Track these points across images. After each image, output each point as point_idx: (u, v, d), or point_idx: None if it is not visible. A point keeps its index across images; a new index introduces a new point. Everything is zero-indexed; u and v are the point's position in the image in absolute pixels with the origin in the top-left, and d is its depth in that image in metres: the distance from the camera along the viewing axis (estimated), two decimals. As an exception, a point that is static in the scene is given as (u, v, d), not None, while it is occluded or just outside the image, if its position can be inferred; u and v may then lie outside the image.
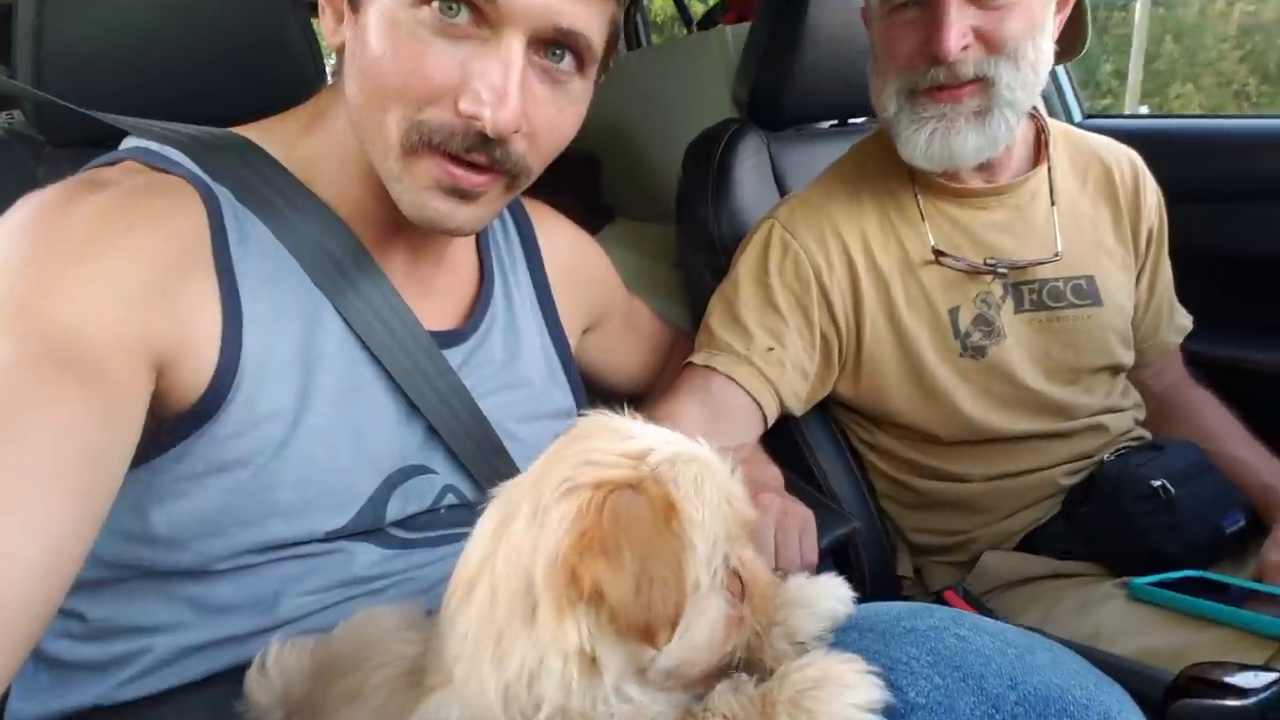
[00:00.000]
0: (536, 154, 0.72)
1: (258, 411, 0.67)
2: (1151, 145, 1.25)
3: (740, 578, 0.51)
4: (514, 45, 0.65)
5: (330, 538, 0.71)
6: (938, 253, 1.10)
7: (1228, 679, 0.68)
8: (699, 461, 0.50)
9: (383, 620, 0.62)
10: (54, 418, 0.54)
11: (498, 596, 0.45)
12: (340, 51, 0.72)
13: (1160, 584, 0.97)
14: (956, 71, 0.99)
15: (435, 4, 0.63)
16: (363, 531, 0.73)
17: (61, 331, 0.57)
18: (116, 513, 0.63)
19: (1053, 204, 1.14)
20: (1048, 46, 1.02)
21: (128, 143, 0.75)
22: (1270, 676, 0.66)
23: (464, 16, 0.64)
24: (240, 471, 0.67)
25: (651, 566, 0.43)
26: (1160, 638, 0.92)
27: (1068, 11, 1.07)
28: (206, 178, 0.70)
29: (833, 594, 0.59)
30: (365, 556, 0.73)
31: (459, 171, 0.68)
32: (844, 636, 0.59)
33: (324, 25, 0.73)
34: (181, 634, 0.68)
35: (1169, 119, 1.22)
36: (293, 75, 0.99)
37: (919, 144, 1.04)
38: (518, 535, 0.46)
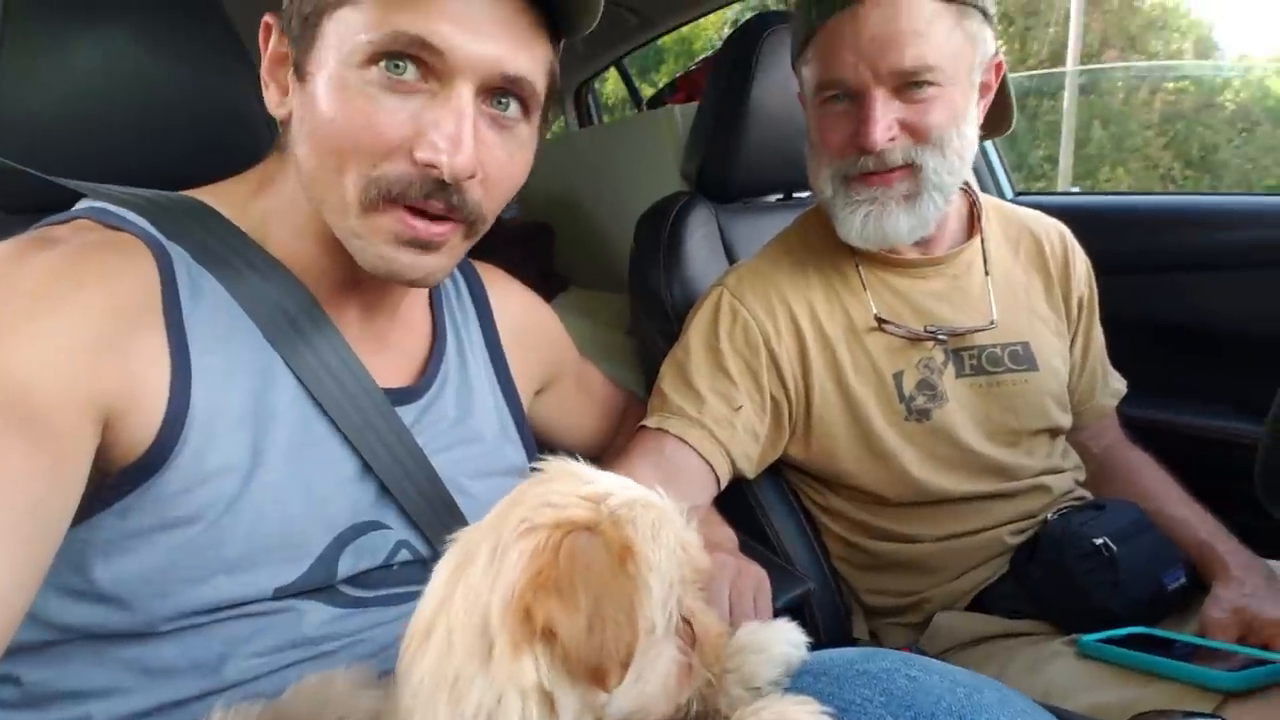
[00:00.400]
0: (490, 200, 0.74)
1: (207, 467, 0.66)
2: (1079, 220, 1.32)
3: (692, 626, 0.51)
4: (464, 94, 0.67)
5: (279, 595, 0.70)
6: (880, 320, 1.14)
7: (1171, 727, 0.69)
8: (656, 508, 0.51)
9: (335, 683, 0.61)
10: (2, 472, 0.54)
11: (454, 639, 0.45)
12: (286, 122, 0.74)
13: (1108, 640, 0.99)
14: (885, 159, 1.04)
15: (382, 63, 0.66)
16: (313, 589, 0.72)
17: (9, 386, 0.57)
18: (58, 571, 0.62)
19: (986, 274, 1.19)
20: (971, 132, 1.08)
21: (81, 204, 0.76)
22: (1211, 724, 0.68)
23: (411, 73, 0.66)
24: (189, 528, 0.65)
25: (605, 607, 0.44)
26: (1110, 693, 0.93)
27: (991, 96, 1.13)
28: (161, 237, 0.71)
29: (786, 639, 0.60)
30: (315, 616, 0.72)
31: (419, 223, 0.70)
32: (798, 681, 0.59)
33: (268, 99, 0.75)
34: (122, 700, 0.66)
35: (1094, 195, 1.29)
36: (249, 142, 1.00)
37: (854, 225, 1.09)
38: (475, 577, 0.46)
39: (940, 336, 1.14)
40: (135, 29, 0.91)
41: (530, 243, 2.32)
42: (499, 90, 0.70)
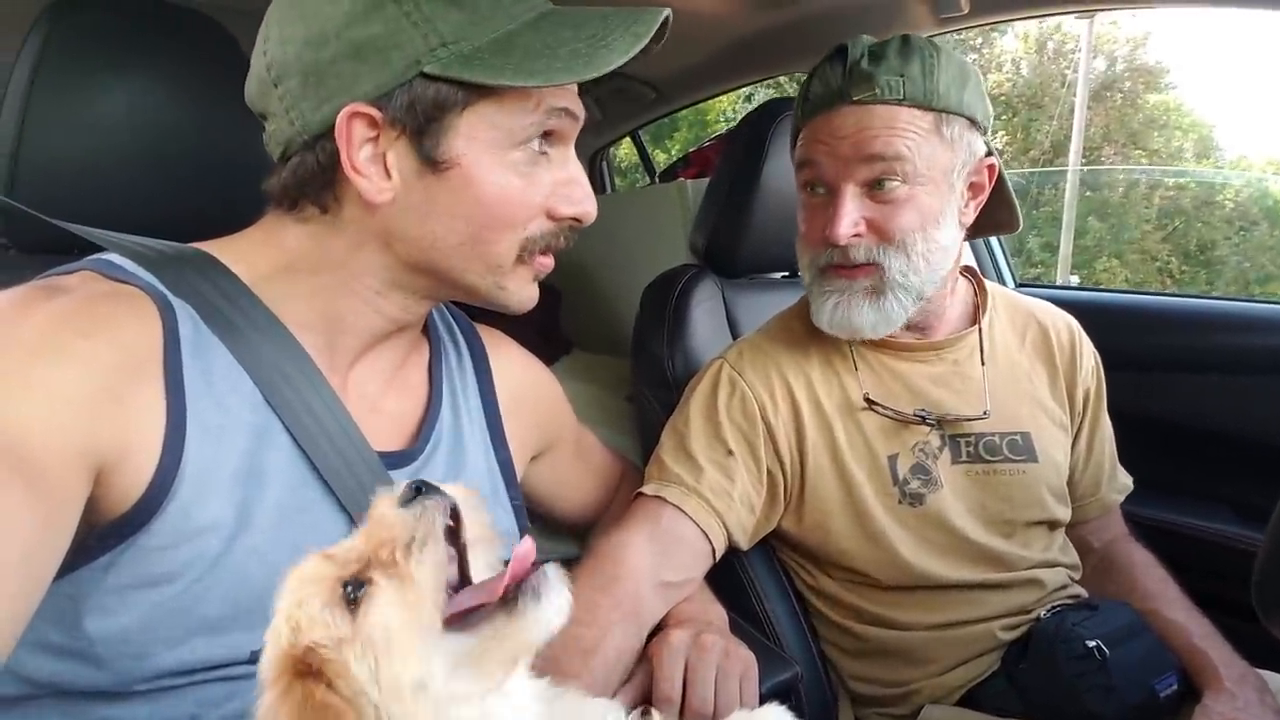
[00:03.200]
0: None
1: (193, 524, 0.66)
2: (1083, 314, 1.33)
3: None
4: (573, 152, 0.80)
5: (255, 658, 0.69)
6: (869, 401, 1.14)
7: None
8: None
9: None
10: None
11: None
12: (374, 204, 0.73)
13: (1098, 746, 0.97)
14: (848, 255, 1.08)
15: (535, 142, 0.75)
16: None
17: (7, 434, 0.57)
18: (36, 626, 0.61)
19: (983, 364, 1.19)
20: (945, 236, 1.09)
21: (90, 257, 0.76)
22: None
23: (538, 144, 0.75)
24: (169, 586, 0.64)
25: None
26: (1100, 802, 0.91)
27: (985, 196, 1.15)
28: (166, 291, 0.71)
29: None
30: None
31: (549, 260, 0.81)
32: None
33: (365, 186, 0.72)
34: None
35: (1099, 291, 1.32)
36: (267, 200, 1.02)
37: (825, 313, 1.12)
38: None
39: (930, 420, 1.14)
40: (159, 80, 0.94)
41: (537, 305, 2.33)
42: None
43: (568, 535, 1.20)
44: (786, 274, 1.59)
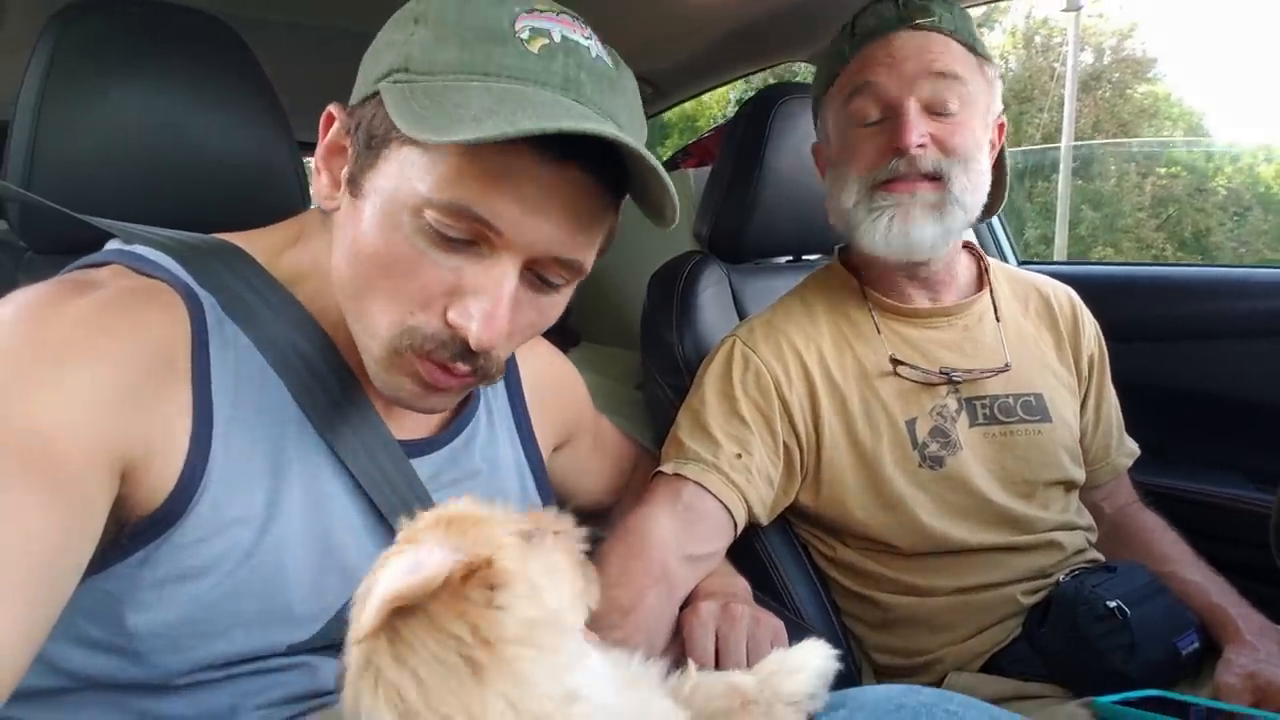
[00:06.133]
0: (511, 347, 0.75)
1: (224, 517, 0.66)
2: (1085, 288, 1.36)
3: None
4: (509, 270, 0.66)
5: (293, 651, 0.69)
6: (895, 362, 1.15)
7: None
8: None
9: None
10: (20, 525, 0.54)
11: (430, 701, 0.45)
12: (328, 206, 0.74)
13: (1124, 703, 0.98)
14: (916, 164, 1.08)
15: (431, 218, 0.64)
16: (328, 645, 0.71)
17: (33, 436, 0.57)
18: (77, 621, 0.62)
19: (998, 320, 1.22)
20: (987, 168, 1.14)
21: (112, 245, 0.77)
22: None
23: (461, 232, 0.65)
24: (204, 580, 0.65)
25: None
26: (1127, 757, 0.92)
27: (997, 152, 1.18)
28: (193, 283, 0.71)
29: (817, 653, 0.60)
30: (329, 670, 0.71)
31: (439, 376, 0.70)
32: (836, 715, 0.59)
33: (316, 186, 0.74)
34: None
35: (1099, 265, 1.33)
36: (279, 192, 1.03)
37: (878, 231, 1.11)
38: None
39: (955, 379, 1.16)
40: (173, 80, 0.95)
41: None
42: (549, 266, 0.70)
43: (581, 520, 1.20)
44: (791, 258, 1.61)
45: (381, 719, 0.45)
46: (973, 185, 1.10)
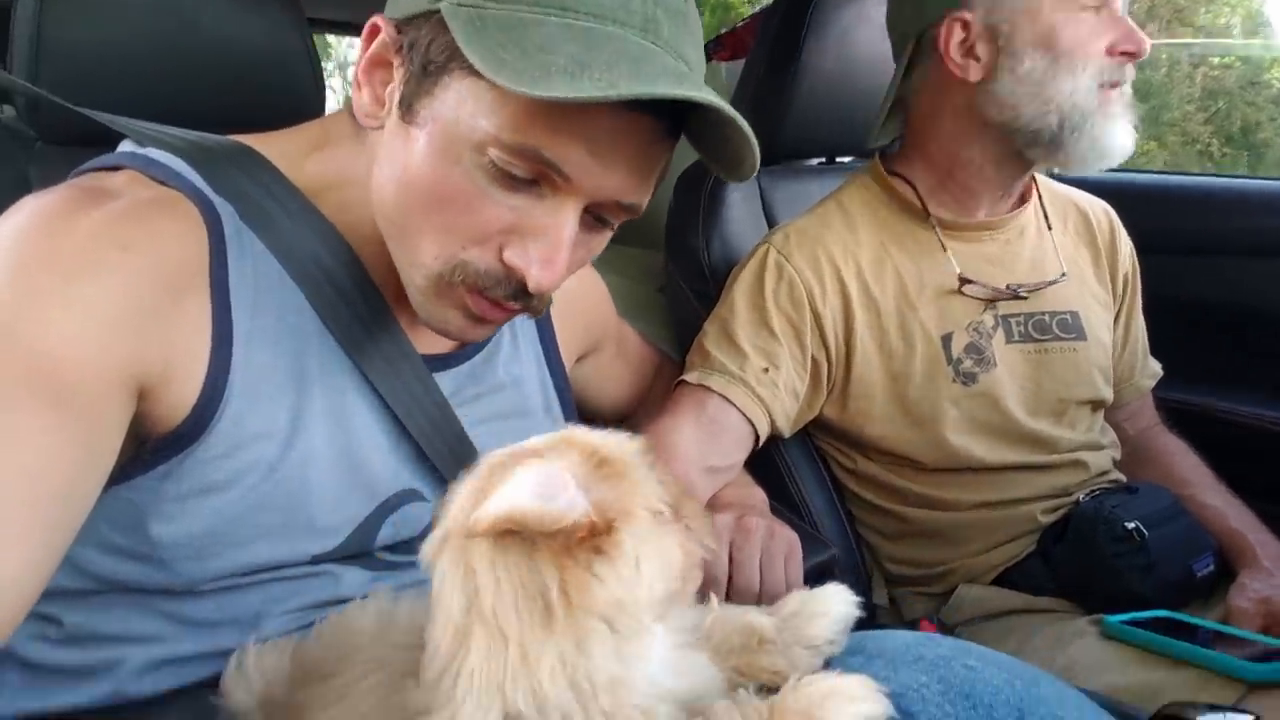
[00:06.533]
0: (558, 285, 0.71)
1: (246, 432, 0.65)
2: (1120, 199, 1.31)
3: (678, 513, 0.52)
4: (571, 214, 0.64)
5: (317, 560, 0.70)
6: (963, 280, 1.13)
7: (1201, 719, 0.69)
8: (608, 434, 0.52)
9: (358, 621, 0.62)
10: (28, 451, 0.54)
11: (502, 625, 0.45)
12: (368, 124, 0.70)
13: (1133, 623, 0.99)
14: (1129, 71, 1.06)
15: (499, 153, 0.61)
16: (350, 555, 0.72)
17: (43, 357, 0.56)
18: (103, 529, 0.63)
19: (1049, 228, 1.20)
20: None
21: (125, 146, 0.74)
22: (1243, 718, 0.68)
23: (525, 171, 0.62)
24: (228, 493, 0.65)
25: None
26: (1132, 675, 0.94)
27: None
28: (209, 190, 0.69)
29: (840, 598, 0.60)
30: (351, 578, 0.72)
31: (488, 309, 0.68)
32: (853, 660, 0.59)
33: (359, 100, 0.70)
34: (160, 646, 0.66)
35: (1136, 174, 1.27)
36: (292, 87, 0.99)
37: (1117, 139, 1.07)
38: (483, 562, 0.46)
39: (1021, 293, 1.14)
40: None
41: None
42: (609, 209, 0.68)
43: (601, 427, 1.21)
44: (824, 159, 1.54)
45: (452, 605, 0.46)
46: None
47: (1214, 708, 0.71)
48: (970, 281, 1.13)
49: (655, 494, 0.50)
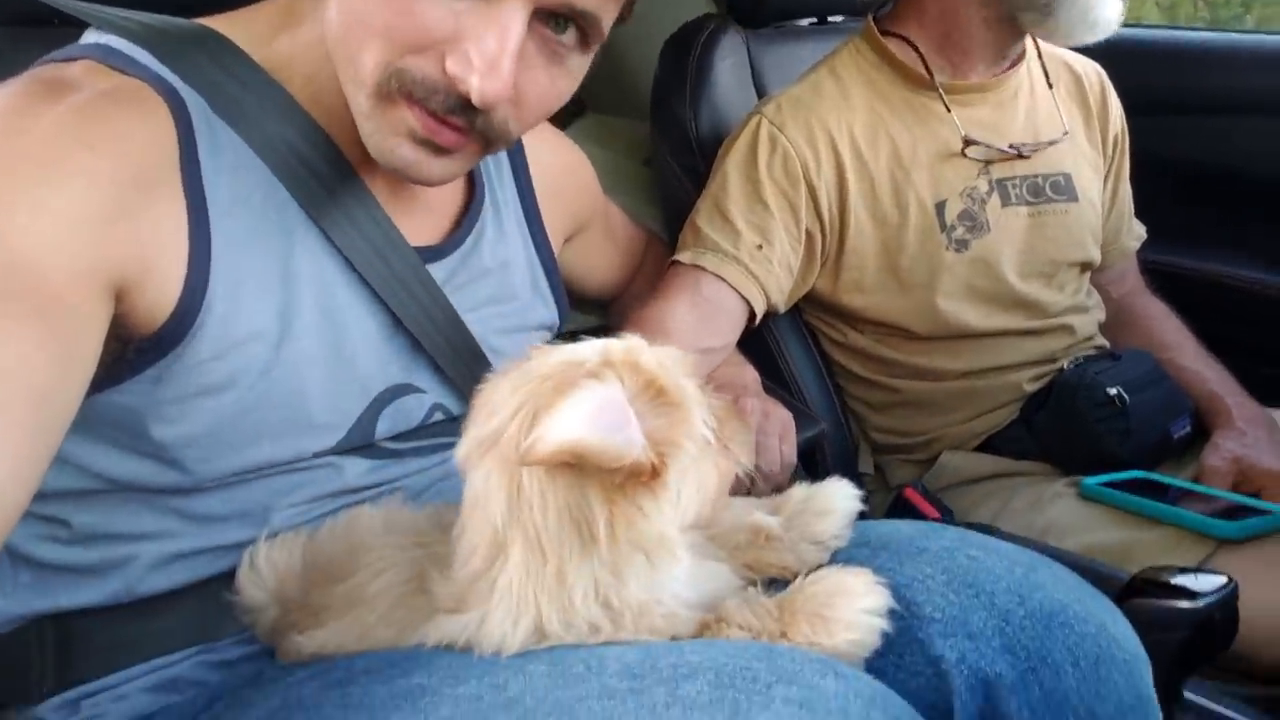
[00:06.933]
0: (520, 122, 0.68)
1: (236, 333, 0.65)
2: (1107, 56, 1.27)
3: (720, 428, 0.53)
4: (516, 14, 0.60)
5: (320, 456, 0.71)
6: (968, 142, 1.12)
7: (1176, 581, 0.73)
8: (656, 350, 0.52)
9: (368, 521, 0.64)
10: (1, 351, 0.52)
11: (542, 541, 0.46)
12: None
13: (1109, 484, 1.04)
14: None
15: None
16: (351, 449, 0.73)
17: (12, 261, 0.54)
18: (105, 431, 0.63)
19: (1050, 86, 1.19)
20: None
21: (89, 36, 0.69)
22: (1217, 581, 0.72)
23: None
24: (225, 394, 0.65)
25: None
26: (1107, 534, 0.99)
27: None
28: (175, 80, 0.65)
29: (844, 495, 0.62)
30: (354, 469, 0.73)
31: (435, 125, 0.64)
32: (859, 553, 0.61)
33: None
34: (169, 542, 0.68)
35: (1124, 29, 1.22)
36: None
37: (1105, 10, 1.06)
38: (528, 476, 0.47)
39: (1025, 153, 1.14)
40: None
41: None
42: (560, 14, 0.63)
43: (590, 308, 1.20)
44: (815, 20, 1.48)
45: (494, 513, 0.47)
46: None
47: (1185, 570, 0.76)
48: (974, 143, 1.12)
49: (703, 421, 0.50)
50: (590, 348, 0.51)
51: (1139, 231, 1.34)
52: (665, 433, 0.48)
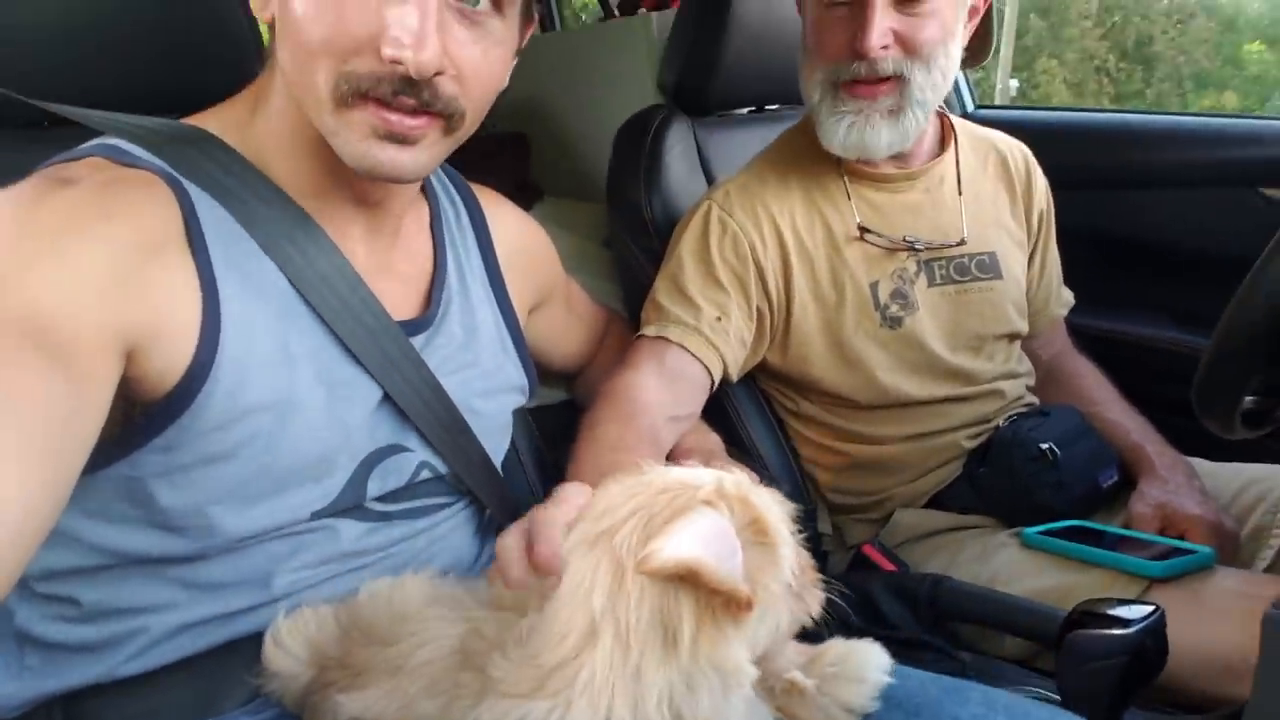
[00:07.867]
0: (468, 96, 0.73)
1: (242, 403, 0.69)
2: (1034, 136, 1.40)
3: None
4: None
5: (316, 517, 0.75)
6: (863, 229, 1.20)
7: (1110, 612, 0.80)
8: (763, 490, 0.55)
9: (409, 591, 0.67)
10: (18, 392, 0.56)
11: (629, 637, 0.48)
12: (272, 26, 0.73)
13: (1048, 533, 1.11)
14: (876, 68, 1.09)
15: None
16: (345, 509, 0.77)
17: (30, 314, 0.59)
18: (111, 504, 0.66)
19: (960, 193, 1.26)
20: (956, 52, 1.14)
21: (92, 141, 0.74)
22: (1146, 609, 0.79)
23: None
24: (230, 463, 0.69)
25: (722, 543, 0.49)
26: (1049, 579, 1.06)
27: (977, 21, 1.17)
28: (173, 171, 0.70)
29: (876, 664, 0.65)
30: (349, 531, 0.77)
31: (393, 117, 0.69)
32: (889, 715, 0.65)
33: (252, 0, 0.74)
34: (176, 613, 0.70)
35: (1049, 111, 1.34)
36: (233, 56, 0.97)
37: (838, 134, 1.14)
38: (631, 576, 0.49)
39: (917, 247, 1.21)
40: None
41: (505, 153, 2.28)
42: None
43: (556, 382, 1.25)
44: (753, 108, 1.59)
45: (593, 603, 0.49)
46: (934, 83, 1.12)
47: (1122, 602, 0.82)
48: (869, 231, 1.20)
49: (790, 566, 0.53)
50: (706, 474, 0.54)
51: (1067, 299, 1.43)
52: (758, 570, 0.51)
